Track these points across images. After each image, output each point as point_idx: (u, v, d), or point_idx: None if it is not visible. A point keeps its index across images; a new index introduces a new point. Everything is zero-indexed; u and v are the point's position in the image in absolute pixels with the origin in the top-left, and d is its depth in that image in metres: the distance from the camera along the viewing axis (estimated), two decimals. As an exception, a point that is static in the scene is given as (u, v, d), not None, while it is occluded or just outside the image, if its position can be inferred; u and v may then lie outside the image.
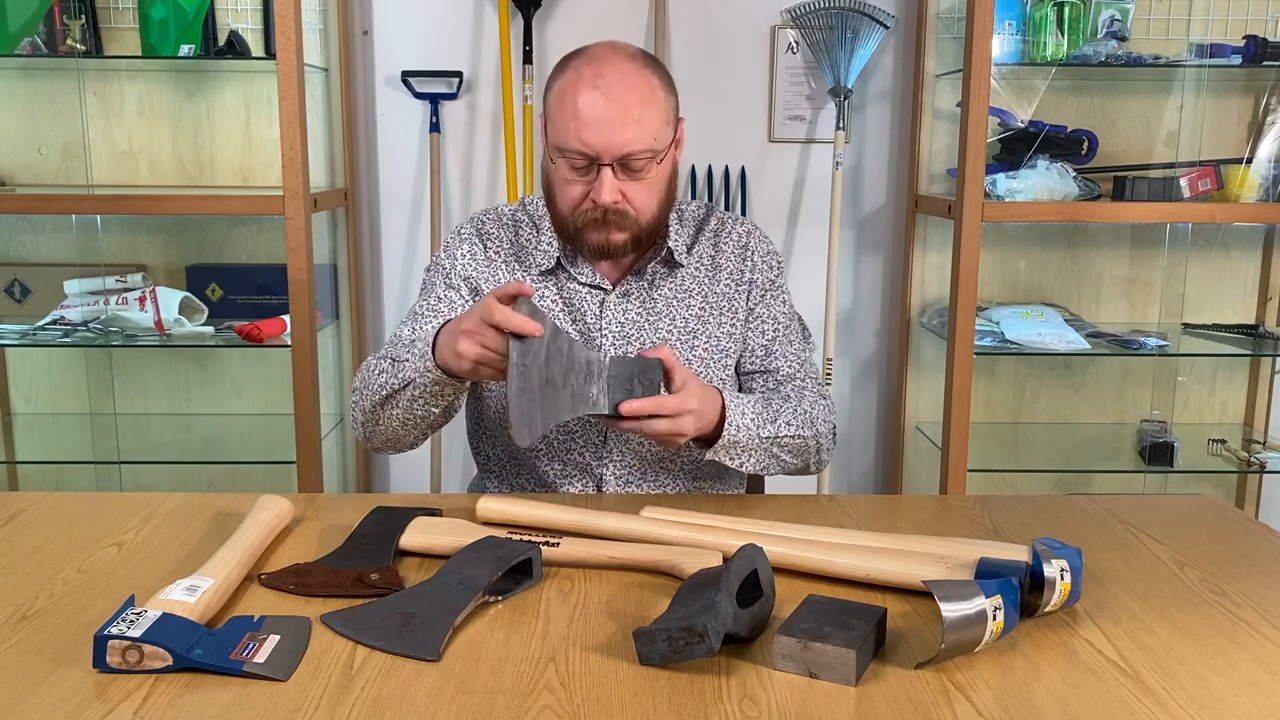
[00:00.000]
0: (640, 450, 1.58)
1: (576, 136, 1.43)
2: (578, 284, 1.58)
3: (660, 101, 1.47)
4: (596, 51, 1.48)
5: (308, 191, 2.51)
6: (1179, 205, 2.65)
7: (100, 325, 2.65)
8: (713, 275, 1.62)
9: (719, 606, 0.99)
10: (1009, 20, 2.71)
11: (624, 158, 1.44)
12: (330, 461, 2.90)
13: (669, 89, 1.50)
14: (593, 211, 1.47)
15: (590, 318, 1.58)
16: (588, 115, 1.42)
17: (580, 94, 1.43)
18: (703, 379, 1.59)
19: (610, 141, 1.42)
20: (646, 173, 1.47)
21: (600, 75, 1.44)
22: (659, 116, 1.46)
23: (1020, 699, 0.96)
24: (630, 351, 1.57)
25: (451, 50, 2.88)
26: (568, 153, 1.45)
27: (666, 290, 1.60)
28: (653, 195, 1.50)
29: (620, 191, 1.46)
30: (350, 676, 0.98)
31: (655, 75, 1.48)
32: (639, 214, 1.49)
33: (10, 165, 2.84)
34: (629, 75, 1.45)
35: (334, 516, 1.40)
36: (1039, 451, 2.94)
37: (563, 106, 1.45)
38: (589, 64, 1.46)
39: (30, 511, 1.41)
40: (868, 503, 1.51)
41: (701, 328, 1.61)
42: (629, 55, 1.48)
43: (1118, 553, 1.32)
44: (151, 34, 2.65)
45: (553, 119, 1.47)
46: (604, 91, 1.43)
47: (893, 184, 2.98)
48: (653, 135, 1.45)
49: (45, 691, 0.95)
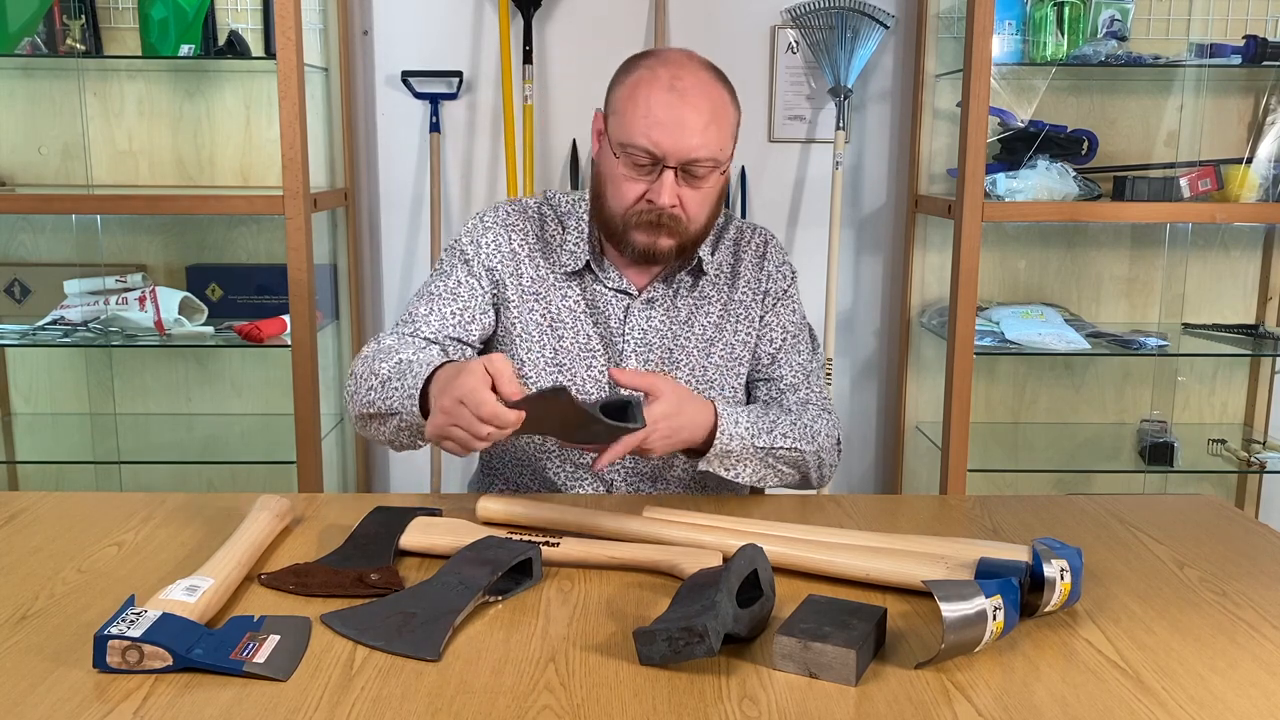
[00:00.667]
0: (652, 456, 1.57)
1: (645, 134, 1.42)
2: (604, 288, 1.57)
3: (730, 115, 1.48)
4: (673, 55, 1.47)
5: (308, 191, 2.51)
6: (1179, 205, 2.65)
7: (100, 325, 2.65)
8: (732, 284, 1.63)
9: (719, 606, 0.99)
10: (1009, 20, 2.71)
11: (689, 163, 1.43)
12: (330, 461, 2.90)
13: (737, 106, 1.50)
14: (647, 213, 1.46)
15: (614, 323, 1.57)
16: (661, 115, 1.41)
17: (655, 93, 1.42)
18: (717, 387, 1.60)
19: (679, 145, 1.42)
20: (705, 182, 1.46)
21: (678, 78, 1.43)
22: (727, 130, 1.47)
23: (1020, 699, 0.96)
24: (650, 359, 1.57)
25: (451, 50, 2.88)
26: (632, 149, 1.44)
27: (690, 298, 1.60)
28: (705, 206, 1.49)
29: (678, 196, 1.45)
30: (350, 676, 0.98)
31: (727, 89, 1.49)
32: (690, 222, 1.48)
33: (10, 165, 2.84)
34: (705, 84, 1.45)
35: (334, 516, 1.40)
36: (1039, 451, 2.94)
37: (634, 103, 1.44)
38: (665, 65, 1.45)
39: (30, 511, 1.41)
40: (868, 503, 1.51)
41: (719, 336, 1.61)
42: (704, 65, 1.48)
43: (1118, 553, 1.32)
44: (151, 34, 2.65)
45: (621, 114, 1.46)
46: (680, 95, 1.42)
47: (893, 184, 2.98)
48: (719, 146, 1.45)
49: (45, 691, 0.95)
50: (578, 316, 1.57)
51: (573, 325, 1.57)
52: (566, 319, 1.57)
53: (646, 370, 1.53)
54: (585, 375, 1.56)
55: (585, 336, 1.57)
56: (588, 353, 1.57)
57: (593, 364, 1.57)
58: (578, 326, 1.57)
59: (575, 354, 1.56)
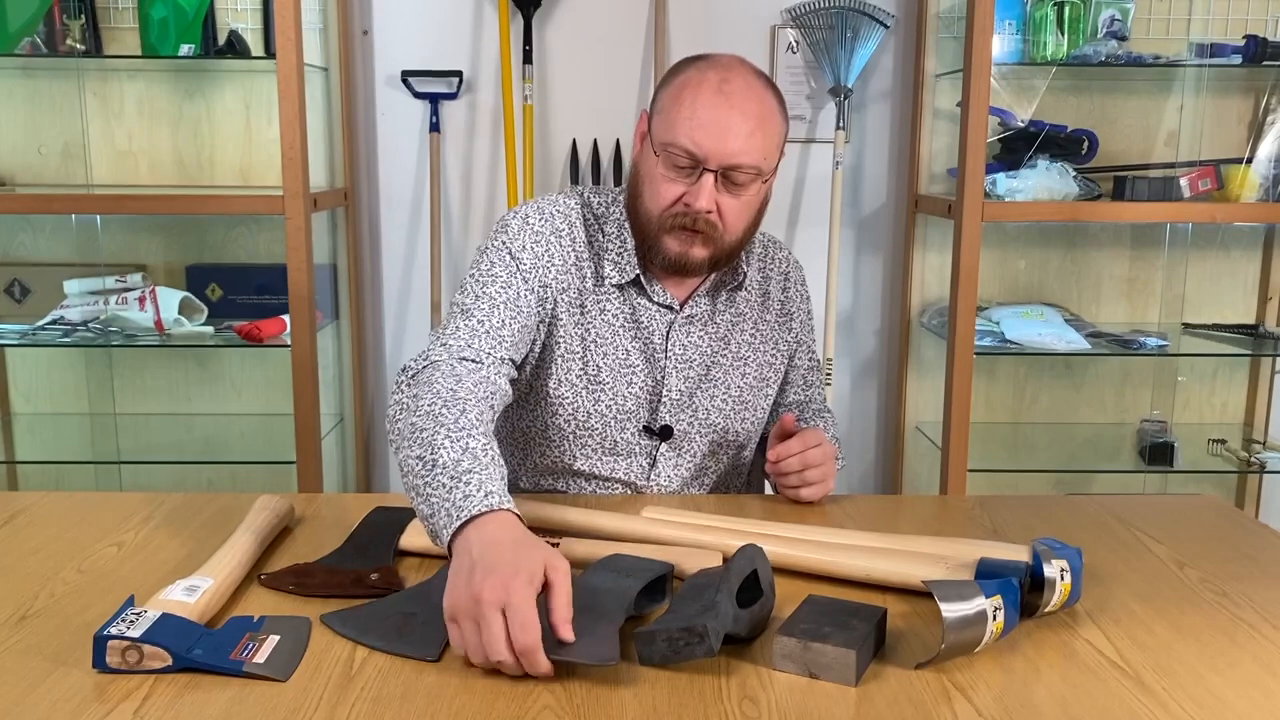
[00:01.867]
0: (684, 474, 1.57)
1: (689, 135, 1.38)
2: (649, 301, 1.52)
3: (777, 124, 1.44)
4: (724, 59, 1.44)
5: (307, 191, 2.51)
6: (1179, 205, 2.65)
7: (100, 325, 2.65)
8: (762, 302, 1.61)
9: (719, 606, 0.99)
10: (1009, 20, 2.71)
11: (730, 169, 1.39)
12: (330, 461, 2.90)
13: (785, 116, 1.46)
14: (683, 216, 1.41)
15: (656, 339, 1.53)
16: (705, 117, 1.38)
17: (702, 94, 1.39)
18: (750, 408, 1.60)
19: (722, 148, 1.38)
20: (745, 190, 1.42)
21: (727, 81, 1.40)
22: (772, 139, 1.43)
23: (1020, 699, 0.96)
24: (690, 375, 1.54)
25: (451, 50, 2.88)
26: (674, 150, 1.40)
27: (728, 315, 1.57)
28: (744, 216, 1.45)
29: (716, 202, 1.41)
30: (350, 676, 0.98)
31: (776, 99, 1.45)
32: (727, 231, 1.44)
33: (10, 165, 2.84)
34: (754, 89, 1.41)
35: (334, 516, 1.40)
36: (1039, 451, 2.94)
37: (680, 103, 1.40)
38: (715, 69, 1.42)
39: (30, 511, 1.41)
40: (868, 503, 1.51)
41: (752, 355, 1.59)
42: (755, 72, 1.45)
43: (1118, 553, 1.32)
44: (151, 34, 2.65)
45: (666, 114, 1.42)
46: (728, 98, 1.39)
47: (893, 184, 2.98)
48: (763, 154, 1.41)
49: (45, 691, 0.95)
50: (617, 331, 1.51)
51: (612, 340, 1.51)
52: (607, 334, 1.51)
53: (800, 435, 1.46)
54: (626, 393, 1.51)
55: (625, 352, 1.51)
56: (627, 369, 1.51)
57: (633, 380, 1.52)
58: (618, 342, 1.51)
59: (615, 370, 1.51)
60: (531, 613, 0.95)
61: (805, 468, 1.43)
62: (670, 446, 1.55)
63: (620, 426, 1.52)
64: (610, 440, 1.53)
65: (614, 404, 1.51)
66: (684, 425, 1.55)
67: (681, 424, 1.54)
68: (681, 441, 1.55)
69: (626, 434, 1.53)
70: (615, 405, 1.51)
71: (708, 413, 1.56)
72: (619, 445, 1.53)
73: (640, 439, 1.54)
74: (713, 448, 1.58)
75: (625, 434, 1.53)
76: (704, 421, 1.56)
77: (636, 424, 1.53)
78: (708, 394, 1.55)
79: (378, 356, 3.04)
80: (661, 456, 1.55)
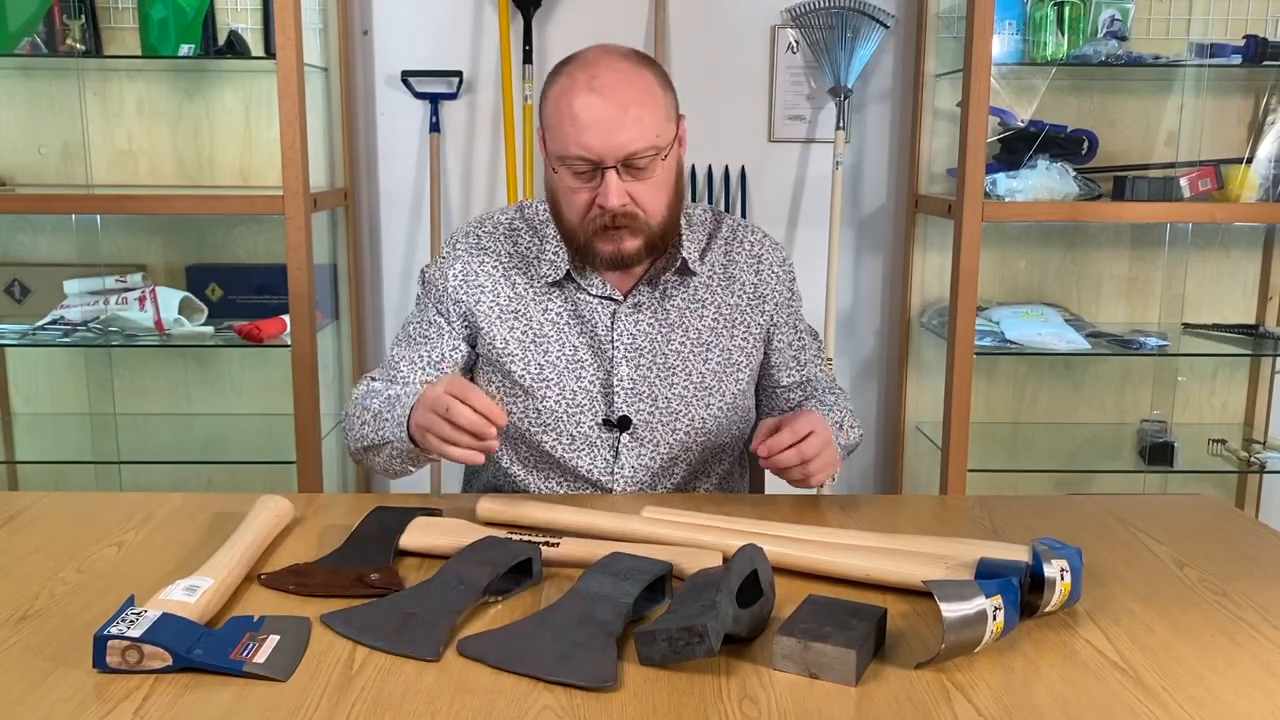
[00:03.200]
0: (650, 464, 1.58)
1: (576, 142, 1.40)
2: (588, 295, 1.55)
3: (658, 98, 1.44)
4: (588, 55, 1.45)
5: (307, 191, 2.51)
6: (1179, 205, 2.65)
7: (100, 325, 2.65)
8: (726, 285, 1.60)
9: (719, 606, 0.99)
10: (1009, 20, 2.71)
11: (627, 158, 1.41)
12: (330, 461, 2.90)
13: (666, 85, 1.47)
14: (601, 218, 1.43)
15: (601, 330, 1.55)
16: (585, 119, 1.39)
17: (576, 98, 1.40)
18: (716, 394, 1.59)
19: (611, 143, 1.39)
20: (651, 172, 1.43)
21: (594, 77, 1.41)
22: (659, 113, 1.43)
23: (1020, 699, 0.96)
24: (641, 364, 1.55)
25: (451, 50, 2.88)
26: (569, 160, 1.42)
27: (679, 300, 1.57)
28: (660, 195, 1.46)
29: (627, 194, 1.42)
30: (350, 676, 0.98)
31: (651, 72, 1.45)
32: (649, 216, 1.45)
33: (10, 165, 2.84)
34: (624, 74, 1.42)
35: (334, 516, 1.40)
36: (1039, 451, 2.94)
37: (559, 114, 1.42)
38: (582, 68, 1.43)
39: (30, 511, 1.41)
40: (868, 503, 1.51)
41: (715, 339, 1.58)
42: (622, 55, 1.45)
43: (1118, 553, 1.32)
44: (151, 34, 2.65)
45: (551, 128, 1.44)
46: (600, 93, 1.39)
47: (893, 184, 2.98)
48: (654, 132, 1.42)
49: (45, 691, 0.95)
50: (561, 328, 1.55)
51: (557, 338, 1.55)
52: (550, 332, 1.55)
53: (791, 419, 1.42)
54: (576, 387, 1.54)
55: (572, 348, 1.55)
56: (576, 364, 1.55)
57: (582, 374, 1.55)
58: (563, 339, 1.55)
59: (563, 367, 1.54)
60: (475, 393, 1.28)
61: (803, 460, 1.40)
62: (632, 437, 1.56)
63: (575, 421, 1.55)
64: (567, 435, 1.55)
65: (563, 399, 1.54)
66: (644, 415, 1.55)
67: (641, 414, 1.55)
68: (642, 431, 1.56)
69: (584, 428, 1.55)
70: (565, 400, 1.54)
71: (667, 400, 1.56)
72: (577, 440, 1.55)
73: (600, 432, 1.55)
74: (678, 435, 1.57)
75: (583, 428, 1.55)
76: (665, 410, 1.56)
77: (593, 418, 1.55)
78: (666, 382, 1.56)
79: (378, 356, 3.03)
80: (624, 448, 1.56)
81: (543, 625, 1.05)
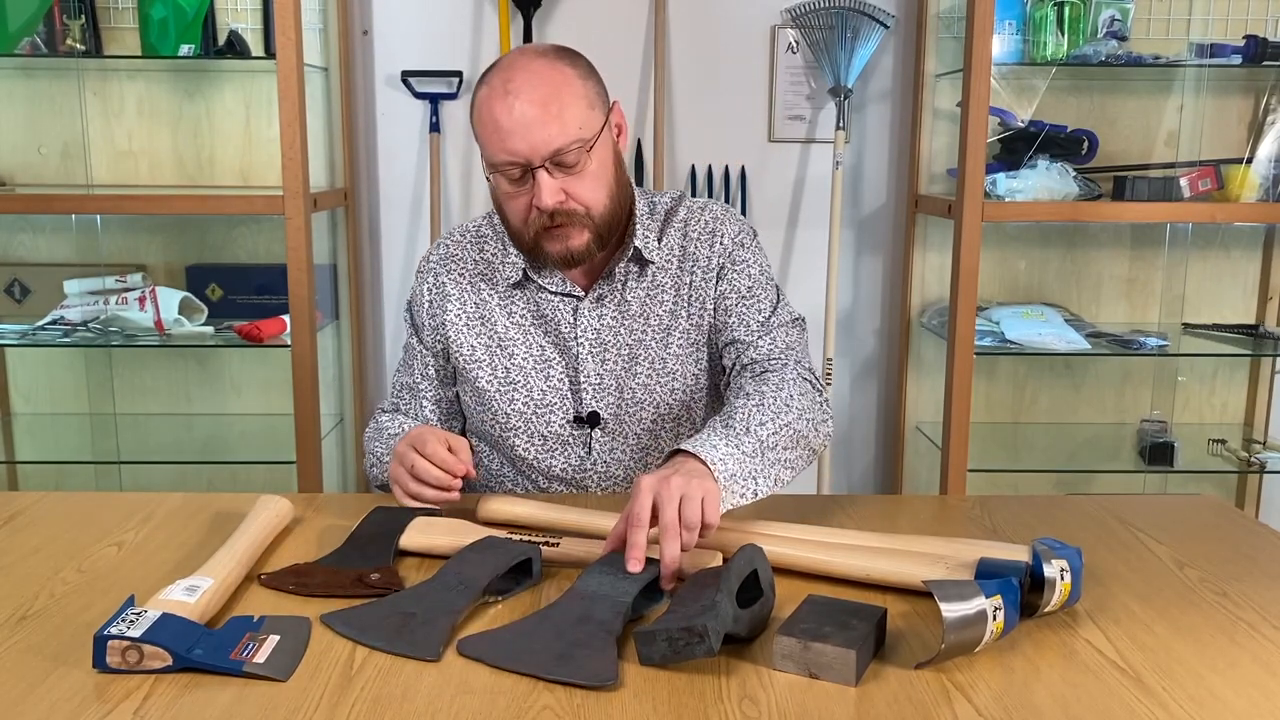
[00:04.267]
0: (623, 457, 1.57)
1: (501, 147, 1.39)
2: (549, 293, 1.55)
3: (577, 89, 1.42)
4: (506, 59, 1.45)
5: (307, 191, 2.51)
6: (1179, 205, 2.65)
7: (100, 325, 2.65)
8: (683, 265, 1.56)
9: (719, 606, 0.99)
10: (1009, 20, 2.71)
11: (553, 155, 1.39)
12: (330, 461, 2.90)
13: (588, 75, 1.45)
14: (540, 219, 1.43)
15: (565, 327, 1.54)
16: (506, 123, 1.38)
17: (495, 104, 1.40)
18: (679, 377, 1.55)
19: (534, 142, 1.38)
20: (583, 165, 1.42)
21: (510, 80, 1.40)
22: (579, 104, 1.41)
23: (1020, 699, 0.96)
24: (607, 359, 1.54)
25: (451, 50, 2.88)
26: (500, 166, 1.41)
27: (640, 290, 1.55)
28: (599, 186, 1.44)
29: (562, 191, 1.41)
30: (350, 676, 0.98)
31: (568, 65, 1.43)
32: (590, 208, 1.44)
33: (10, 165, 2.84)
34: (538, 72, 1.41)
35: (334, 516, 1.40)
36: (1039, 451, 2.94)
37: (483, 123, 1.42)
38: (499, 73, 1.42)
39: (30, 511, 1.41)
40: (868, 503, 1.51)
41: (674, 322, 1.56)
42: (538, 53, 1.44)
43: (1118, 553, 1.32)
44: (151, 34, 2.65)
45: (480, 139, 1.44)
46: (516, 95, 1.39)
47: (893, 184, 2.98)
48: (577, 125, 1.40)
49: (45, 691, 0.95)
50: (526, 330, 1.55)
51: (522, 340, 1.55)
52: (515, 334, 1.55)
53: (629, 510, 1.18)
54: (545, 387, 1.54)
55: (538, 348, 1.55)
56: (543, 363, 1.55)
57: (550, 374, 1.55)
58: (528, 340, 1.55)
59: (530, 368, 1.54)
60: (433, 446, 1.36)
61: (667, 527, 1.14)
62: (603, 432, 1.56)
63: (546, 421, 1.55)
64: (539, 436, 1.56)
65: (532, 399, 1.55)
66: (612, 409, 1.55)
67: (609, 407, 1.55)
68: (612, 425, 1.55)
69: (555, 426, 1.55)
70: (534, 400, 1.55)
71: (632, 391, 1.55)
72: (549, 440, 1.56)
73: (571, 429, 1.56)
74: (650, 425, 1.56)
75: (554, 426, 1.55)
76: (632, 401, 1.55)
77: (564, 416, 1.55)
78: (630, 373, 1.55)
79: (378, 356, 3.04)
80: (596, 443, 1.56)
81: (542, 625, 1.05)
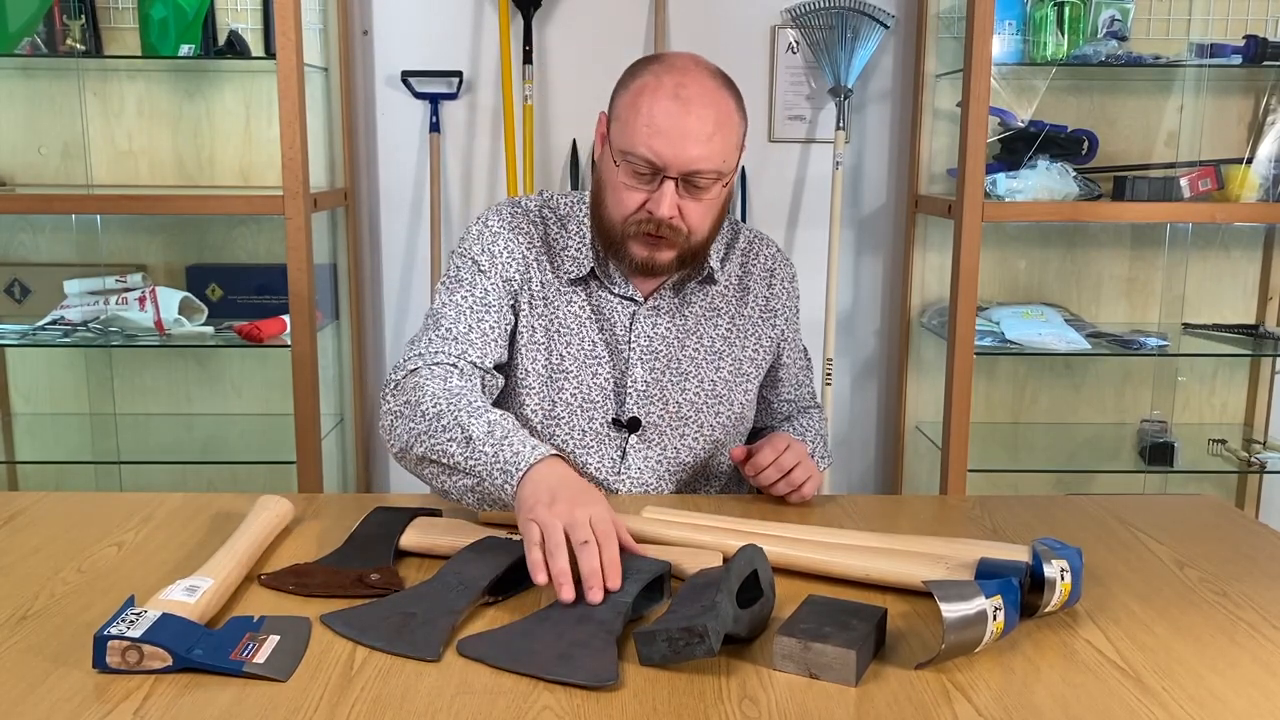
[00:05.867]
0: (657, 467, 1.57)
1: (647, 144, 1.39)
2: (609, 293, 1.55)
3: (735, 125, 1.44)
4: (679, 61, 1.43)
5: (307, 191, 2.51)
6: (1179, 205, 2.65)
7: (100, 325, 2.65)
8: (741, 297, 1.62)
9: (719, 607, 0.99)
10: (1009, 20, 2.71)
11: (690, 174, 1.40)
12: (330, 461, 2.90)
13: (743, 115, 1.47)
14: (646, 223, 1.43)
15: (620, 330, 1.55)
16: (663, 124, 1.38)
17: (659, 101, 1.39)
18: (726, 401, 1.60)
19: (680, 155, 1.38)
20: (708, 193, 1.43)
21: (683, 86, 1.39)
22: (731, 139, 1.43)
23: (1020, 699, 0.96)
24: (656, 367, 1.56)
25: (451, 50, 2.88)
26: (633, 158, 1.41)
27: (698, 307, 1.58)
28: (708, 216, 1.46)
29: (678, 207, 1.42)
30: (350, 676, 0.98)
31: (734, 98, 1.44)
32: (692, 233, 1.45)
33: (10, 165, 2.84)
34: (710, 92, 1.41)
35: (334, 516, 1.40)
36: (1039, 451, 2.94)
37: (637, 111, 1.40)
38: (671, 73, 1.41)
39: (30, 511, 1.41)
40: (868, 503, 1.51)
41: (728, 349, 1.60)
42: (711, 72, 1.44)
43: (1118, 553, 1.32)
44: (151, 34, 2.65)
45: (623, 121, 1.42)
46: (684, 103, 1.38)
47: (893, 184, 2.98)
48: (722, 157, 1.41)
49: (45, 691, 0.95)
50: (583, 323, 1.55)
51: (578, 332, 1.54)
52: (571, 325, 1.54)
53: (768, 443, 1.49)
54: (591, 383, 1.54)
55: (590, 344, 1.55)
56: (593, 360, 1.55)
57: (598, 371, 1.54)
58: (583, 334, 1.54)
59: (581, 361, 1.54)
60: (616, 526, 1.13)
61: (786, 472, 1.45)
62: (640, 439, 1.56)
63: (588, 417, 1.54)
64: (578, 431, 1.55)
65: (579, 394, 1.54)
66: (653, 417, 1.55)
67: (651, 416, 1.55)
68: (651, 434, 1.56)
69: (595, 425, 1.55)
70: (580, 395, 1.54)
71: (678, 405, 1.56)
72: (587, 436, 1.55)
73: (609, 431, 1.55)
74: (686, 441, 1.58)
75: (594, 425, 1.55)
76: (674, 414, 1.56)
77: (604, 416, 1.55)
78: (678, 386, 1.56)
79: (378, 356, 3.04)
80: (631, 449, 1.56)
81: (542, 625, 1.05)
